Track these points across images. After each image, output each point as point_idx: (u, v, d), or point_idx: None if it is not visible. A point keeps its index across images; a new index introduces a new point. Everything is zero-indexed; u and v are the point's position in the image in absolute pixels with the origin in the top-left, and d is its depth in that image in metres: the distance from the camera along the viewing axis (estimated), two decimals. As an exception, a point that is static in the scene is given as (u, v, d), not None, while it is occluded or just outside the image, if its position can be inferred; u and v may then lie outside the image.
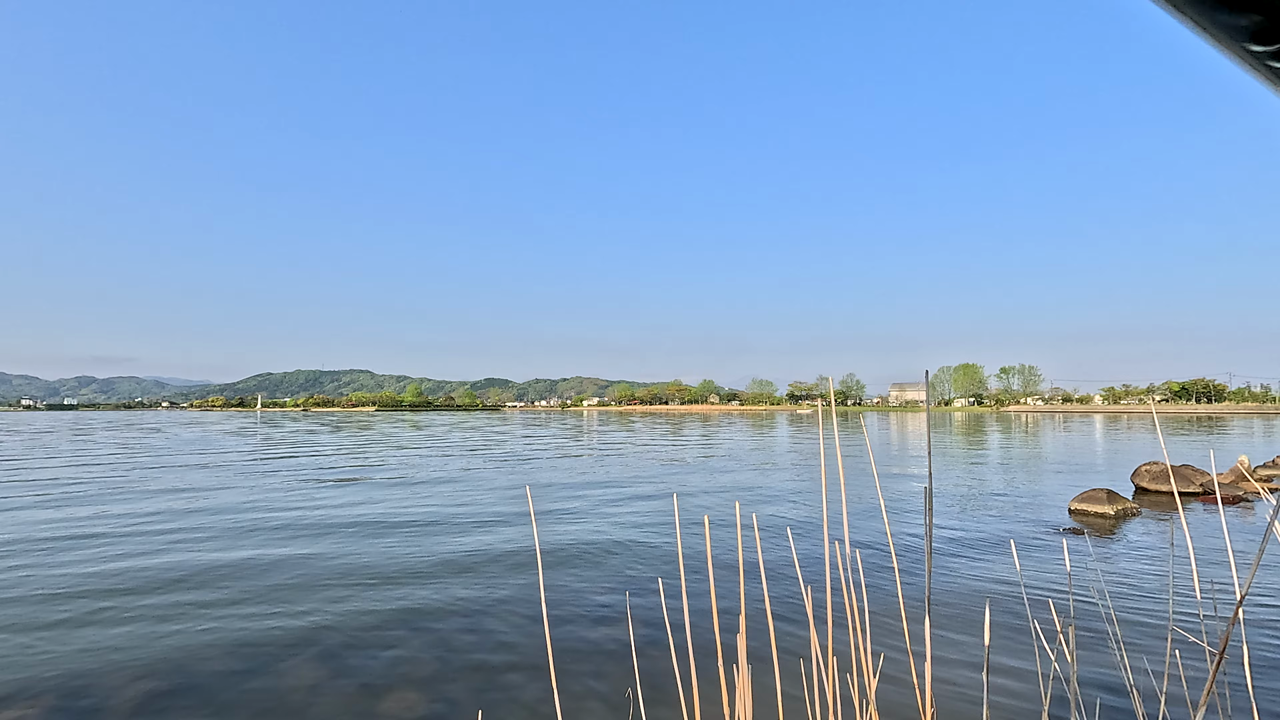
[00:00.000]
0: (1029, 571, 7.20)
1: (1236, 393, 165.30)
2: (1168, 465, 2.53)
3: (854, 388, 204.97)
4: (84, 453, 25.67)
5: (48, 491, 14.07)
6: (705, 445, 30.68)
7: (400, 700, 4.21)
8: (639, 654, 4.83)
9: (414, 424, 65.36)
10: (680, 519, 11.08)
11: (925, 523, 1.72)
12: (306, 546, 8.50)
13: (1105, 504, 10.61)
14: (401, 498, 13.11)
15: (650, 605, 6.07)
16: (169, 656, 4.88)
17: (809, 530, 9.69)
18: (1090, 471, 18.10)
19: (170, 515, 10.91)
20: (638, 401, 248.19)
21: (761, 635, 4.75)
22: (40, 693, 4.30)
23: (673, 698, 3.90)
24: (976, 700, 4.00)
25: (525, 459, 22.77)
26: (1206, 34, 0.47)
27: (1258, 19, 0.44)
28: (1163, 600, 6.11)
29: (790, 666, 4.16)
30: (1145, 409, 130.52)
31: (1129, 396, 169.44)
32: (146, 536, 9.16)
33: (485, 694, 4.29)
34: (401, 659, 4.85)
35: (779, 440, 34.56)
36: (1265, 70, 0.49)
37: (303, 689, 4.35)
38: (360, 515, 10.93)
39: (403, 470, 18.58)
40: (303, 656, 4.88)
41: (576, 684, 4.40)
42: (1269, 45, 0.46)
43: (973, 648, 4.88)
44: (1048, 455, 24.21)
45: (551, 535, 9.27)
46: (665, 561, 7.77)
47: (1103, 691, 4.11)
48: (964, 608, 5.89)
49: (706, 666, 3.82)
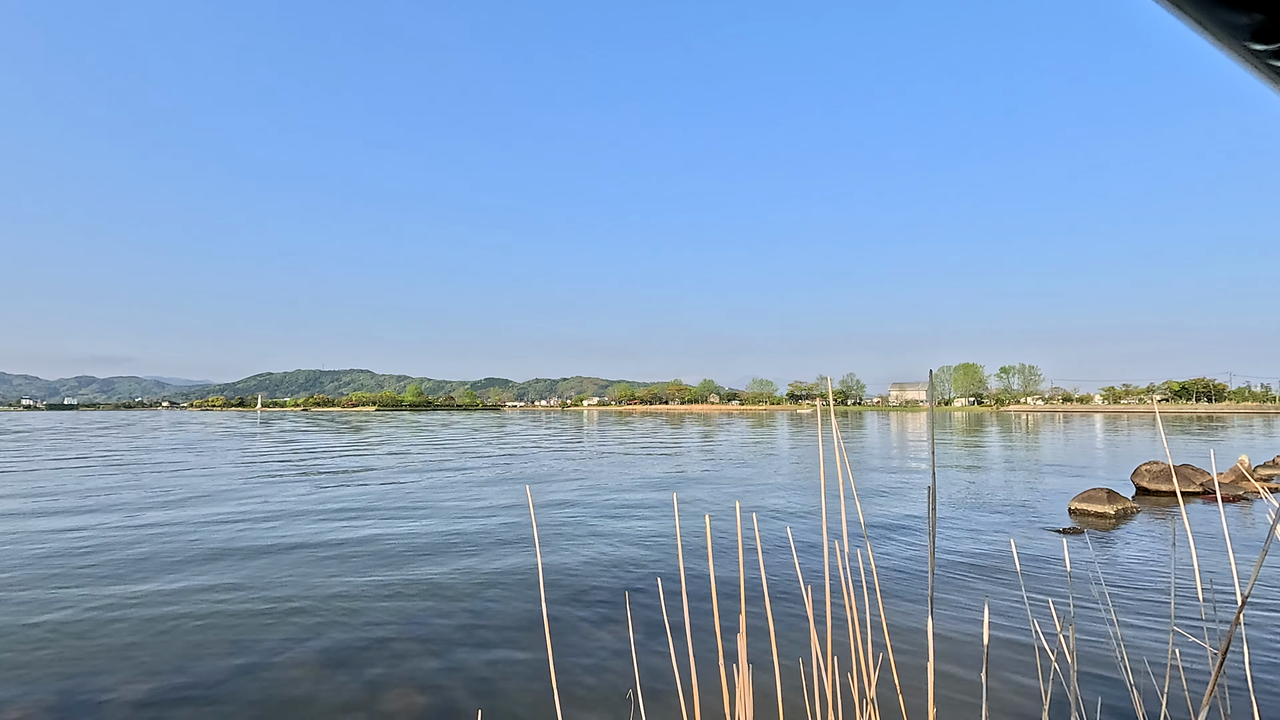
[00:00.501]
0: (1029, 571, 7.20)
1: (1237, 392, 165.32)
2: (1170, 465, 2.53)
3: (854, 387, 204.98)
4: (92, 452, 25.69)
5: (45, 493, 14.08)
6: (705, 445, 30.68)
7: (400, 699, 4.21)
8: (639, 654, 4.83)
9: (415, 424, 65.37)
10: (680, 518, 11.07)
11: (928, 522, 1.72)
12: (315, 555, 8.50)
13: (1105, 504, 10.60)
14: (405, 491, 13.11)
15: (650, 605, 6.07)
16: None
17: (809, 530, 9.68)
18: (1090, 471, 18.11)
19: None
20: (638, 401, 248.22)
21: (762, 635, 4.75)
22: (38, 691, 4.30)
23: (673, 698, 3.90)
24: (976, 700, 4.00)
25: (527, 458, 22.78)
26: (1207, 32, 0.47)
27: (1258, 17, 0.44)
28: (1164, 600, 6.11)
29: (790, 667, 4.16)
30: (1146, 409, 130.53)
31: (1129, 396, 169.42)
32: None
33: (484, 693, 4.28)
34: (401, 657, 4.85)
35: (779, 440, 34.56)
36: (1266, 69, 0.49)
37: (304, 683, 4.35)
38: (367, 511, 10.93)
39: (408, 467, 18.58)
40: (303, 652, 4.88)
41: (576, 684, 4.40)
42: (1270, 44, 0.46)
43: (973, 647, 4.89)
44: (1047, 455, 24.20)
45: (551, 533, 9.27)
46: (665, 561, 7.77)
47: (1103, 691, 4.12)
48: (964, 607, 5.89)
49: (706, 666, 3.83)
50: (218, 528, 9.78)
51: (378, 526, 9.95)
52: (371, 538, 9.12)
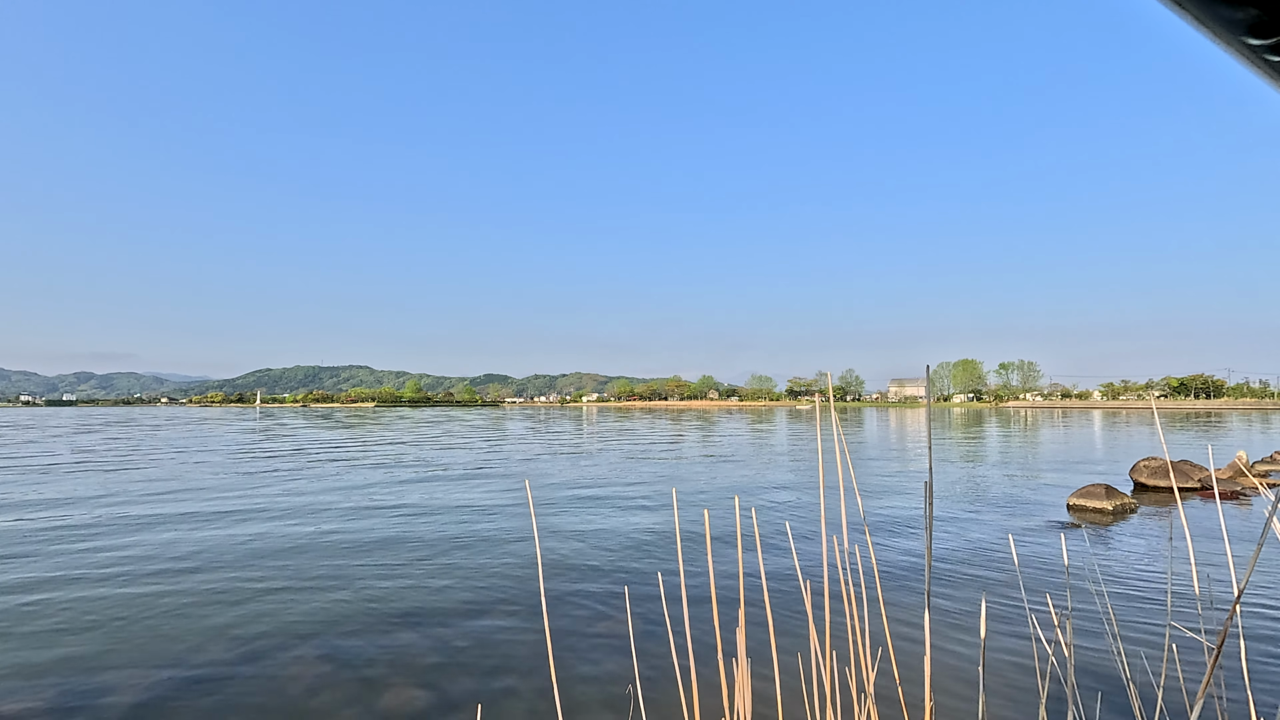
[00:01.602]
0: (1026, 566, 7.22)
1: (1235, 388, 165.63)
2: (1168, 461, 2.54)
3: (853, 384, 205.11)
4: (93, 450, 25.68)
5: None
6: (704, 440, 30.71)
7: (399, 695, 4.22)
8: (638, 649, 4.85)
9: (414, 419, 65.38)
10: (679, 512, 11.07)
11: (925, 516, 1.72)
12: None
13: (1103, 499, 10.63)
14: (406, 489, 13.12)
15: (650, 600, 6.09)
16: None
17: (807, 524, 9.70)
18: (1088, 467, 18.14)
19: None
20: (637, 397, 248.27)
21: (760, 630, 4.77)
22: (37, 686, 4.31)
23: (672, 692, 3.92)
24: (974, 694, 4.02)
25: (526, 455, 22.80)
26: (1205, 28, 0.47)
27: (1255, 13, 0.44)
28: (1160, 595, 6.14)
29: (789, 661, 4.18)
30: (1144, 405, 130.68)
31: (1128, 392, 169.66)
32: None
33: (484, 689, 4.30)
34: (401, 653, 4.87)
35: (778, 436, 34.59)
36: (1263, 64, 0.49)
37: (304, 678, 4.37)
38: (373, 509, 10.95)
39: (410, 462, 18.59)
40: (301, 649, 4.90)
41: (576, 679, 4.41)
42: (1267, 39, 0.46)
43: (970, 640, 4.91)
44: (1046, 451, 24.25)
45: (550, 530, 9.28)
46: (664, 556, 7.79)
47: (1100, 684, 4.14)
48: (961, 602, 5.91)
49: (706, 661, 3.85)
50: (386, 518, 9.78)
51: (381, 523, 9.97)
52: (369, 534, 9.13)
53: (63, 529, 9.41)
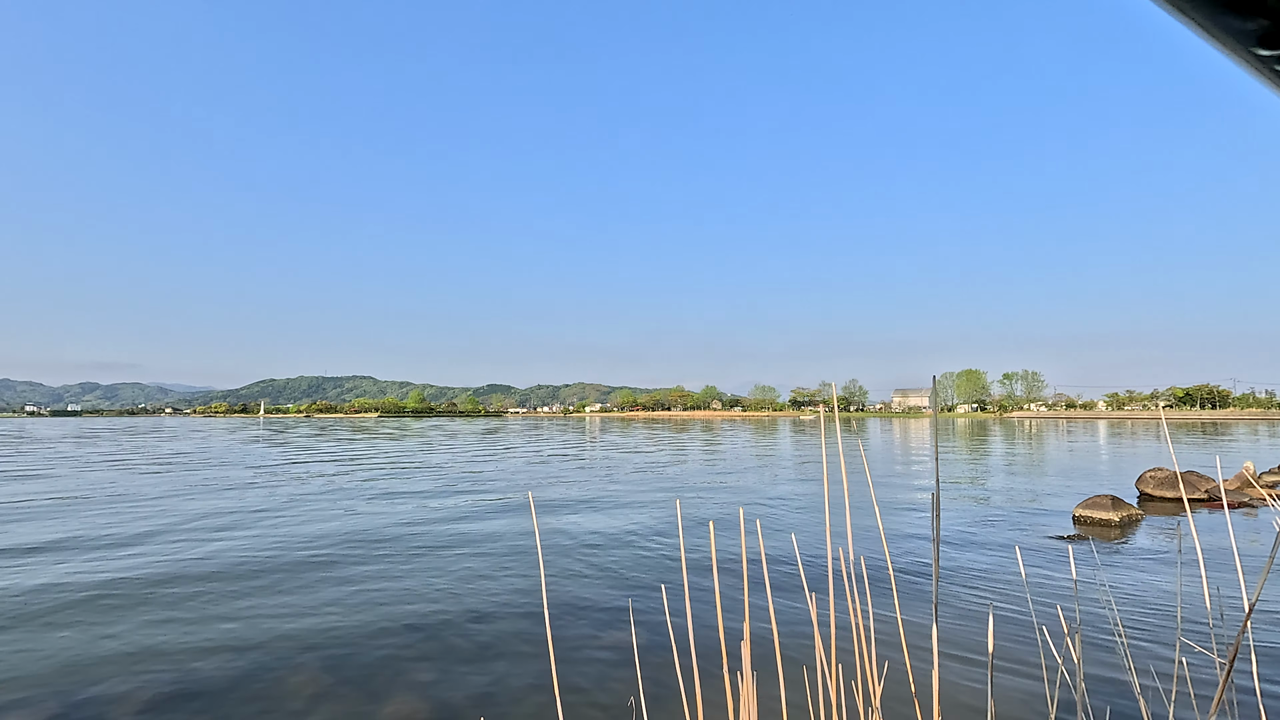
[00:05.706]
0: (1033, 578, 7.15)
1: (1241, 399, 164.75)
2: (1175, 471, 2.52)
3: (857, 394, 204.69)
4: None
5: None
6: (707, 451, 30.62)
7: (401, 705, 4.19)
8: (642, 661, 4.81)
9: (419, 430, 65.39)
10: (683, 523, 11.01)
11: (932, 528, 1.71)
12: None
13: (1110, 510, 10.54)
14: (414, 498, 13.10)
15: (653, 611, 6.04)
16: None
17: (813, 536, 9.64)
18: (1094, 477, 18.02)
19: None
20: (640, 408, 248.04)
21: (765, 642, 4.73)
22: (35, 694, 4.29)
23: (676, 705, 3.88)
24: (982, 706, 3.97)
25: (533, 462, 22.76)
26: (1213, 37, 0.47)
27: (1265, 23, 0.44)
28: (1170, 608, 6.06)
29: (794, 674, 4.13)
30: (1150, 415, 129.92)
31: (1133, 402, 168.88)
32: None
33: (486, 699, 4.26)
34: (403, 662, 4.83)
35: (781, 446, 34.48)
36: (1272, 74, 0.49)
37: (305, 688, 4.34)
38: (377, 516, 10.93)
39: (418, 470, 18.58)
40: (304, 657, 4.87)
41: (579, 691, 4.37)
42: (1277, 50, 0.46)
43: (978, 654, 4.85)
44: (1051, 462, 24.10)
45: (552, 538, 9.24)
46: (668, 567, 7.74)
47: (1110, 699, 4.08)
48: (969, 614, 5.85)
49: (710, 674, 3.80)
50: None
51: (382, 522, 9.95)
52: (366, 532, 9.11)
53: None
